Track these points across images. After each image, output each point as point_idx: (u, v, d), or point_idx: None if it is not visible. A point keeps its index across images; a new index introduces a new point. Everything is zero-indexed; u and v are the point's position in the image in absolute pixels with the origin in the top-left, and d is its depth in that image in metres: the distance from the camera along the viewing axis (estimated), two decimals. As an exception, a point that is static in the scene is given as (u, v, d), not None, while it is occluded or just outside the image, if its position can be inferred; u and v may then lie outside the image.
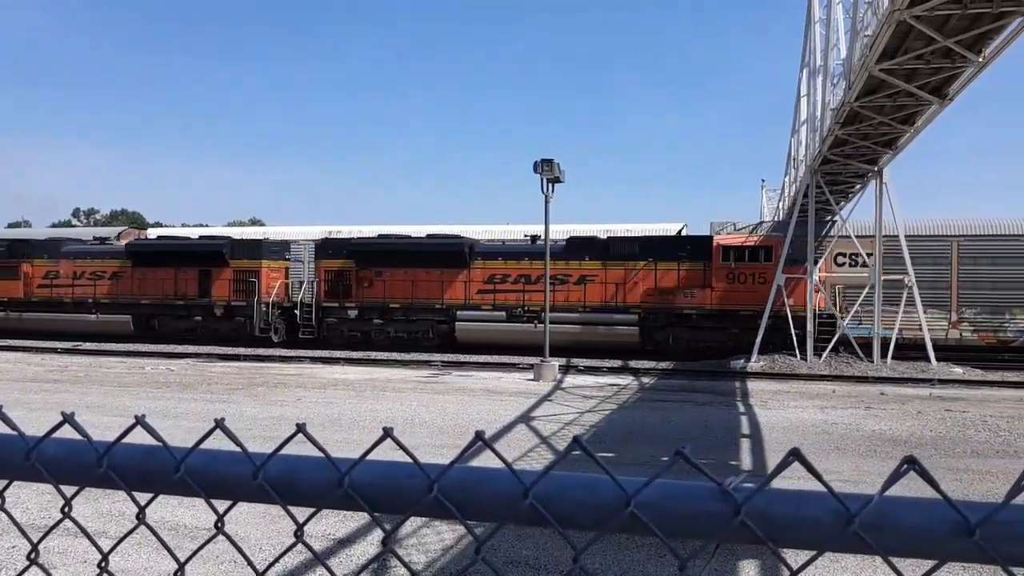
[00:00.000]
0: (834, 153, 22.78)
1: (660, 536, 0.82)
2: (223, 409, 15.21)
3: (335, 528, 7.41)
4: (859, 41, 16.74)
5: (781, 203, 41.20)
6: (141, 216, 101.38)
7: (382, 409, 15.55)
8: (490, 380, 21.19)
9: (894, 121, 19.61)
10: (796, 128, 31.60)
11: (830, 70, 21.65)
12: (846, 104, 18.35)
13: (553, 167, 21.39)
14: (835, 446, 12.13)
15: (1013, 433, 13.55)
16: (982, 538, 0.77)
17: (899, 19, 13.60)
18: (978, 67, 15.67)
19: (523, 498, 0.85)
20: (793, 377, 22.84)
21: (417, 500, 0.89)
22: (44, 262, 33.69)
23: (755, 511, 0.82)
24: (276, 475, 0.94)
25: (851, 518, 0.79)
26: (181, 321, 32.05)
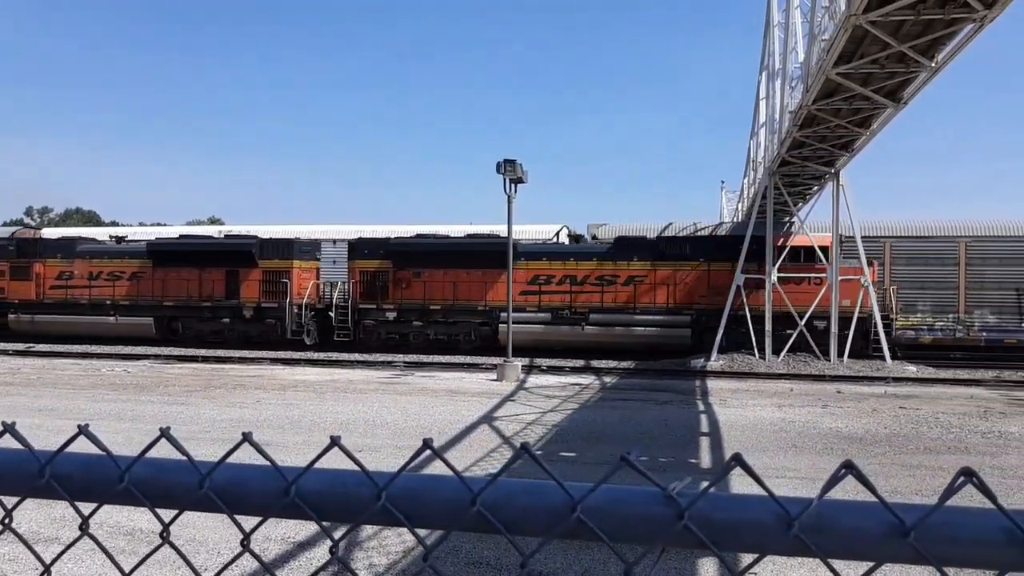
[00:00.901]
0: (792, 155, 23.14)
1: (606, 541, 0.83)
2: (180, 411, 14.99)
3: (295, 532, 7.35)
4: (817, 45, 17.02)
5: (740, 204, 41.76)
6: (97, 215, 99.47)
7: (344, 411, 15.44)
8: (453, 381, 21.16)
9: (850, 124, 19.98)
10: (755, 130, 32.05)
11: (788, 73, 21.99)
12: (804, 107, 18.64)
13: (516, 168, 21.44)
14: (792, 444, 12.32)
15: (964, 429, 13.88)
16: (916, 539, 0.79)
17: (855, 24, 13.86)
18: (931, 72, 16.03)
19: (471, 505, 0.86)
20: (752, 376, 23.16)
21: (365, 508, 0.89)
22: (57, 262, 32.37)
23: (698, 515, 0.83)
24: (222, 484, 0.93)
25: (791, 521, 0.81)
26: (206, 323, 30.99)
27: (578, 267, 28.26)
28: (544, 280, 28.46)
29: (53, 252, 32.66)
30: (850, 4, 13.55)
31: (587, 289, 27.95)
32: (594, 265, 28.12)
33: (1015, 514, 0.78)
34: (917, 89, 17.19)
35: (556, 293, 28.22)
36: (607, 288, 27.74)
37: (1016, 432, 13.67)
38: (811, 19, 17.81)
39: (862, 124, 20.14)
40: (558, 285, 28.16)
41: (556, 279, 28.27)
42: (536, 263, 28.71)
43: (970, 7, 13.22)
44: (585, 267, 28.23)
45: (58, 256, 32.46)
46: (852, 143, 21.96)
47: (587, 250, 28.94)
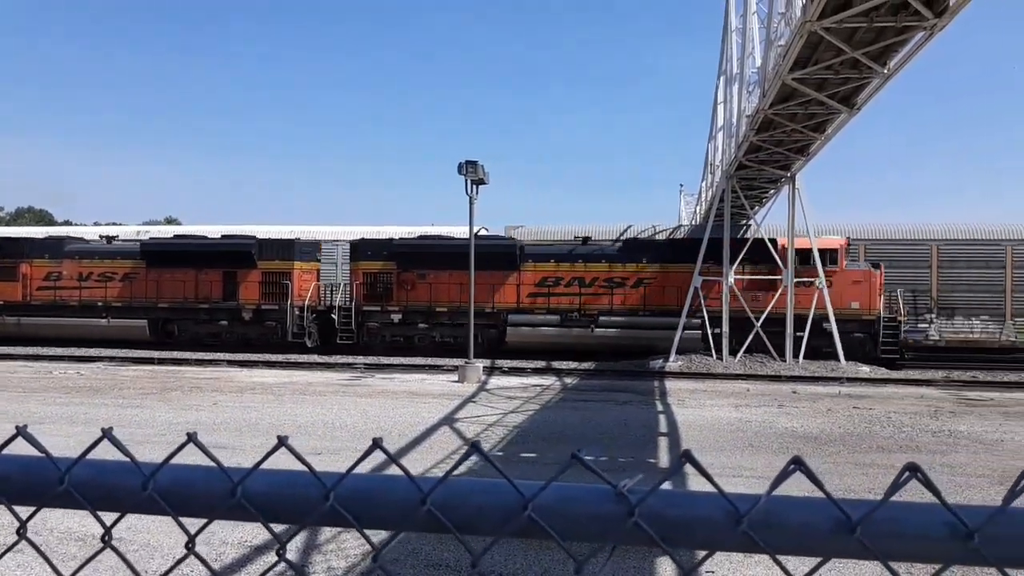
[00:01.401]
0: (749, 159, 23.46)
1: (557, 539, 0.83)
2: (135, 415, 14.71)
3: (252, 535, 7.25)
4: (773, 51, 17.27)
5: (698, 207, 42.21)
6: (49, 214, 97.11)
7: (302, 413, 15.28)
8: (413, 382, 21.06)
9: (806, 128, 20.31)
10: (713, 134, 32.42)
11: (746, 78, 22.29)
12: (761, 111, 18.91)
13: (477, 169, 21.43)
14: (749, 443, 12.48)
15: (915, 428, 14.19)
16: (863, 535, 0.80)
17: (810, 30, 14.08)
18: (883, 78, 16.37)
19: (421, 505, 0.85)
20: (709, 376, 23.43)
21: (313, 509, 0.87)
22: (45, 262, 31.26)
23: (648, 512, 0.83)
24: (167, 485, 0.91)
25: (740, 518, 0.81)
26: (203, 326, 30.25)
27: (587, 269, 28.05)
28: (552, 282, 28.22)
29: (40, 252, 31.56)
30: (805, 11, 13.77)
31: (596, 291, 27.76)
32: (604, 267, 27.94)
33: (958, 509, 0.80)
34: (870, 95, 17.54)
35: (565, 295, 27.94)
36: (616, 290, 27.60)
37: (965, 431, 14.00)
38: (768, 25, 18.07)
39: (817, 129, 20.50)
40: (567, 287, 27.92)
41: (564, 281, 28.04)
42: (544, 265, 28.48)
43: (921, 16, 13.52)
44: (594, 269, 28.02)
45: (45, 256, 31.38)
46: (807, 147, 22.33)
47: (596, 252, 28.56)
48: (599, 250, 29.08)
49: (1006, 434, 13.68)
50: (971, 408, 17.19)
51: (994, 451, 12.17)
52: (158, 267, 30.06)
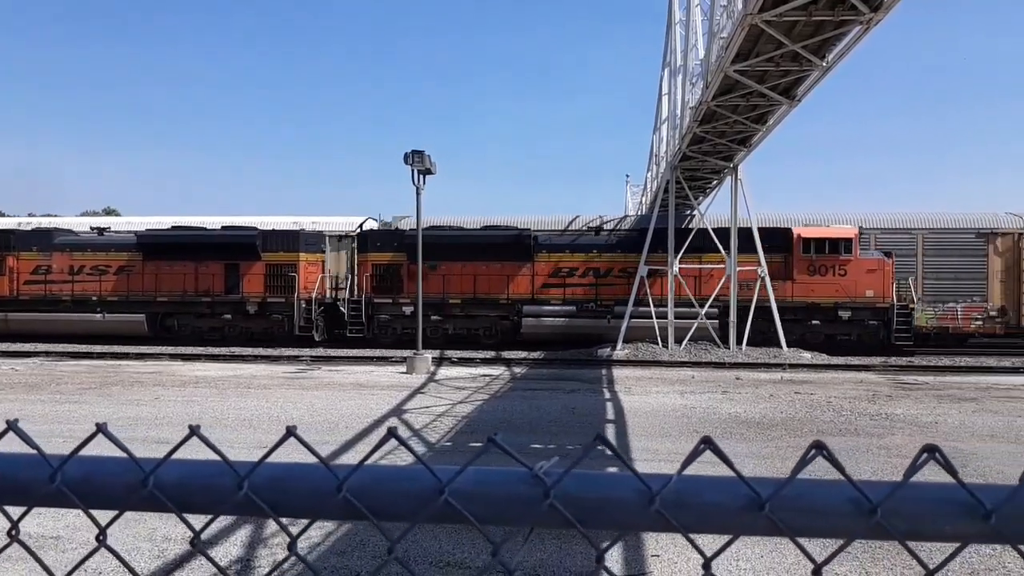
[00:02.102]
0: (693, 150, 23.77)
1: (473, 523, 0.83)
2: (73, 410, 14.32)
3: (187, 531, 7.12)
4: (716, 43, 17.50)
5: (644, 197, 42.65)
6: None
7: (247, 406, 15.04)
8: (361, 374, 20.91)
9: (748, 120, 20.65)
10: (658, 126, 32.74)
11: (689, 70, 22.54)
12: (704, 103, 19.15)
13: (424, 159, 21.30)
14: (694, 429, 12.69)
15: (854, 412, 14.58)
16: (771, 511, 0.82)
17: (751, 23, 14.30)
18: (822, 71, 16.71)
19: (337, 492, 0.85)
20: (655, 364, 23.73)
21: (227, 499, 0.86)
22: (33, 255, 29.90)
23: (564, 494, 0.84)
24: (76, 477, 0.88)
25: (653, 497, 0.83)
26: (204, 320, 29.25)
27: (601, 259, 27.81)
28: (567, 272, 27.89)
29: (27, 244, 30.19)
30: (746, 4, 13.99)
31: (611, 281, 27.57)
32: (619, 257, 27.75)
33: (862, 485, 0.82)
34: (810, 87, 17.90)
35: (579, 286, 27.68)
36: (631, 280, 27.17)
37: (901, 414, 14.44)
38: (710, 17, 18.30)
39: (759, 120, 20.84)
40: (581, 277, 27.63)
41: (579, 271, 27.74)
42: (558, 255, 28.19)
43: (857, 10, 13.83)
44: (608, 259, 27.84)
45: (33, 249, 30.05)
46: (749, 139, 22.71)
47: (611, 242, 28.40)
48: (614, 240, 28.92)
49: (939, 417, 14.14)
50: (907, 392, 17.73)
51: (928, 433, 12.57)
52: (155, 259, 29.07)
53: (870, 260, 26.80)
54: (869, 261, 26.74)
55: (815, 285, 26.32)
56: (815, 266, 26.65)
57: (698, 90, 20.53)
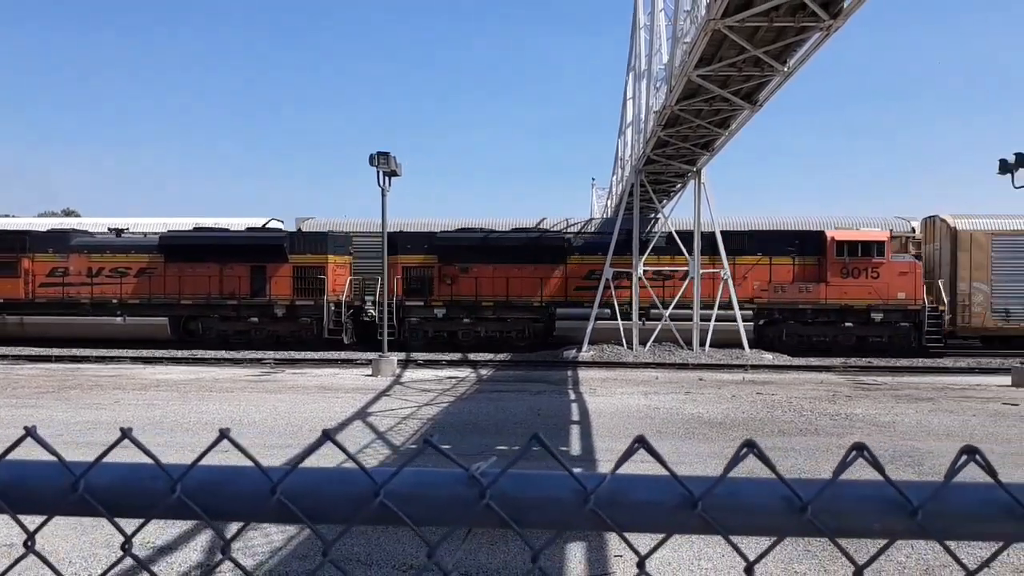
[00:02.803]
0: (657, 154, 23.96)
1: (409, 524, 0.83)
2: (30, 414, 14.02)
3: (156, 536, 7.03)
4: (679, 48, 17.66)
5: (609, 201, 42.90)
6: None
7: (208, 410, 14.86)
8: (325, 377, 20.76)
9: (711, 124, 20.86)
10: (623, 130, 32.98)
11: (654, 74, 22.72)
12: (668, 107, 19.32)
13: (389, 160, 21.20)
14: (657, 429, 12.78)
15: (814, 413, 14.79)
16: (704, 510, 0.83)
17: (714, 28, 14.46)
18: (784, 76, 16.92)
19: (271, 495, 0.84)
20: (620, 365, 23.88)
21: (159, 502, 0.85)
22: (48, 257, 28.99)
23: (500, 494, 0.84)
24: (5, 482, 0.87)
25: (587, 496, 0.83)
26: (230, 323, 28.58)
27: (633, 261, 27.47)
28: (599, 275, 27.42)
29: (43, 246, 29.27)
30: (710, 9, 14.14)
31: (643, 284, 27.22)
32: (652, 259, 27.48)
33: (794, 483, 0.84)
34: (771, 92, 18.11)
35: (614, 288, 27.15)
36: (666, 283, 27.23)
37: (860, 413, 14.69)
38: (674, 22, 18.47)
39: (721, 125, 21.07)
40: (614, 280, 27.04)
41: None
42: (591, 257, 27.95)
43: (817, 17, 14.04)
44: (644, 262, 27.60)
45: (49, 250, 29.15)
46: (712, 143, 22.94)
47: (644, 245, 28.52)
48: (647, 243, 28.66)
49: (897, 416, 14.40)
50: (866, 392, 18.03)
51: (886, 432, 12.80)
52: (178, 261, 28.37)
53: (902, 263, 27.08)
54: (901, 264, 27.02)
55: (848, 287, 26.60)
56: (848, 268, 26.86)
57: (662, 94, 20.70)
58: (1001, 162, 20.36)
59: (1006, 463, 10.23)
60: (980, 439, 12.13)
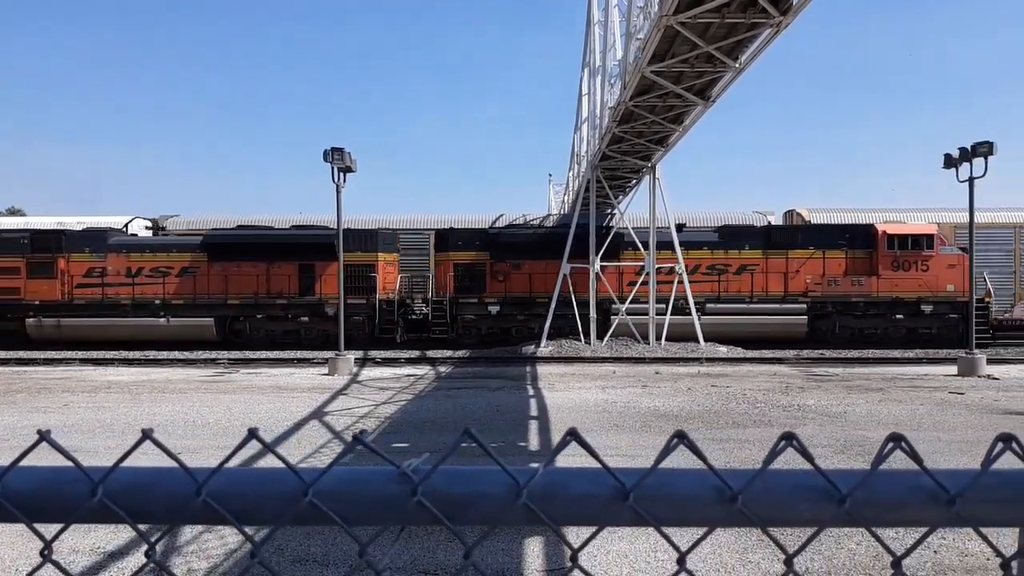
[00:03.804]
0: (612, 150, 24.10)
1: (339, 523, 0.82)
2: (-28, 420, 13.62)
3: (105, 541, 6.89)
4: (633, 43, 17.78)
5: (566, 196, 43.04)
6: None
7: (161, 411, 14.59)
8: (281, 376, 20.51)
9: (665, 120, 21.05)
10: (579, 125, 33.10)
11: (608, 70, 22.85)
12: (622, 103, 19.44)
13: (344, 156, 20.99)
14: (614, 423, 12.87)
15: (768, 404, 15.02)
16: (635, 501, 0.83)
17: (667, 24, 14.59)
18: (736, 72, 17.15)
19: (196, 496, 0.82)
20: (578, 360, 23.99)
21: (80, 506, 0.83)
22: (85, 256, 28.15)
23: (432, 491, 0.84)
24: (-82, 490, 0.84)
25: (520, 490, 0.83)
26: (278, 323, 28.01)
27: (688, 256, 27.42)
28: (659, 270, 27.32)
29: (79, 246, 28.36)
30: (662, 5, 14.26)
31: (699, 279, 27.50)
32: (706, 254, 27.72)
33: (725, 473, 0.84)
34: (724, 88, 18.35)
35: (667, 283, 27.04)
36: (719, 277, 27.41)
37: (813, 404, 14.95)
38: (628, 18, 18.58)
39: (675, 120, 21.27)
40: (667, 275, 27.02)
41: (665, 269, 27.26)
42: (644, 252, 27.60)
43: (768, 13, 14.25)
44: (695, 256, 27.71)
45: (85, 250, 28.30)
46: (666, 138, 23.15)
47: (697, 239, 28.38)
48: (699, 237, 28.89)
49: (848, 407, 14.69)
50: (819, 383, 18.37)
51: (838, 422, 13.04)
52: (222, 260, 27.78)
53: (951, 256, 27.54)
54: (950, 256, 27.48)
55: (899, 280, 27.11)
56: (899, 261, 27.34)
57: (617, 90, 20.81)
58: (946, 156, 20.86)
59: (952, 450, 10.51)
60: (928, 427, 12.44)
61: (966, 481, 0.85)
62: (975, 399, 15.60)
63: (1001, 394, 16.36)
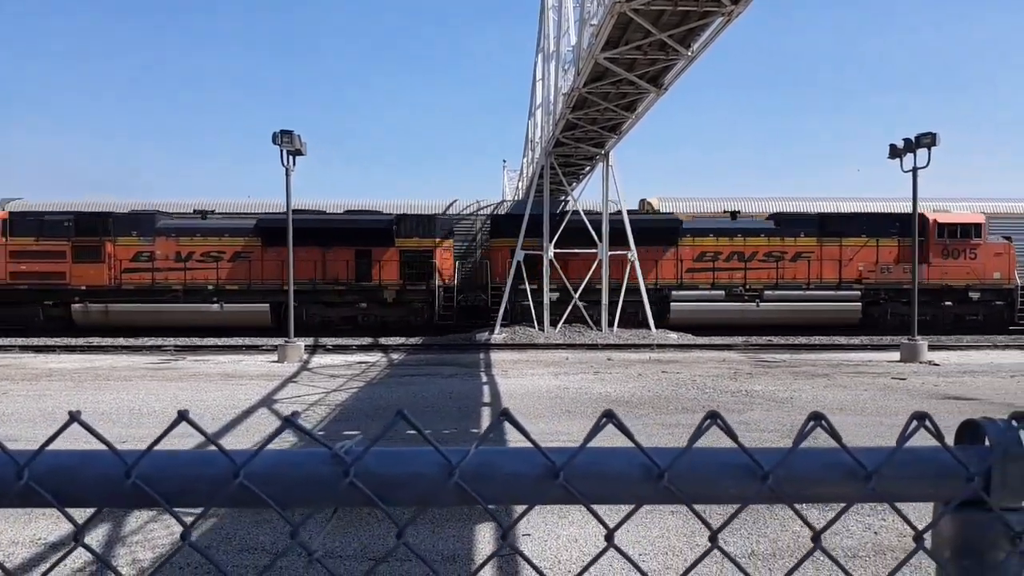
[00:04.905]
0: (566, 136, 24.16)
1: (271, 505, 0.83)
2: (-95, 411, 13.18)
3: (47, 532, 6.75)
4: (587, 30, 17.82)
5: (521, 183, 43.06)
6: None
7: (105, 400, 14.29)
8: (229, 364, 20.22)
9: (618, 107, 21.16)
10: (533, 111, 33.09)
11: (562, 56, 22.86)
12: (576, 89, 19.49)
13: (293, 139, 20.68)
14: (566, 409, 12.98)
15: (716, 390, 15.28)
16: (566, 479, 0.85)
17: (620, 11, 14.65)
18: (688, 60, 17.31)
19: (126, 478, 0.82)
20: (532, 347, 24.09)
21: (5, 490, 0.82)
22: (132, 240, 27.26)
23: (365, 472, 0.85)
24: None
25: (452, 470, 0.85)
26: (335, 309, 27.48)
27: (746, 243, 27.80)
28: (711, 257, 27.76)
29: (126, 229, 27.47)
30: (616, -8, 14.32)
31: (755, 266, 27.71)
32: (763, 241, 27.87)
33: (652, 451, 0.87)
34: (676, 76, 18.50)
35: (724, 270, 27.50)
36: (775, 264, 27.64)
37: (760, 390, 15.25)
38: (582, 4, 18.60)
39: (628, 108, 21.40)
40: (725, 262, 27.41)
41: (723, 256, 27.55)
42: (703, 240, 28.02)
43: (719, 2, 14.41)
44: (753, 243, 27.92)
45: (132, 233, 27.43)
46: (619, 126, 23.28)
47: (754, 226, 28.69)
48: (756, 223, 29.20)
49: (795, 392, 15.01)
50: (766, 369, 18.73)
51: (784, 407, 13.33)
52: (276, 245, 26.88)
53: (997, 244, 28.33)
54: (996, 245, 28.27)
55: (948, 267, 27.87)
56: (949, 250, 28.06)
57: (570, 76, 20.86)
58: (891, 147, 21.34)
59: (893, 433, 10.69)
60: (871, 412, 12.78)
61: (882, 458, 0.89)
62: (916, 384, 16.07)
63: (941, 379, 16.88)
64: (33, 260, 27.24)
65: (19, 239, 27.41)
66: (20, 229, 27.57)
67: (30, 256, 27.27)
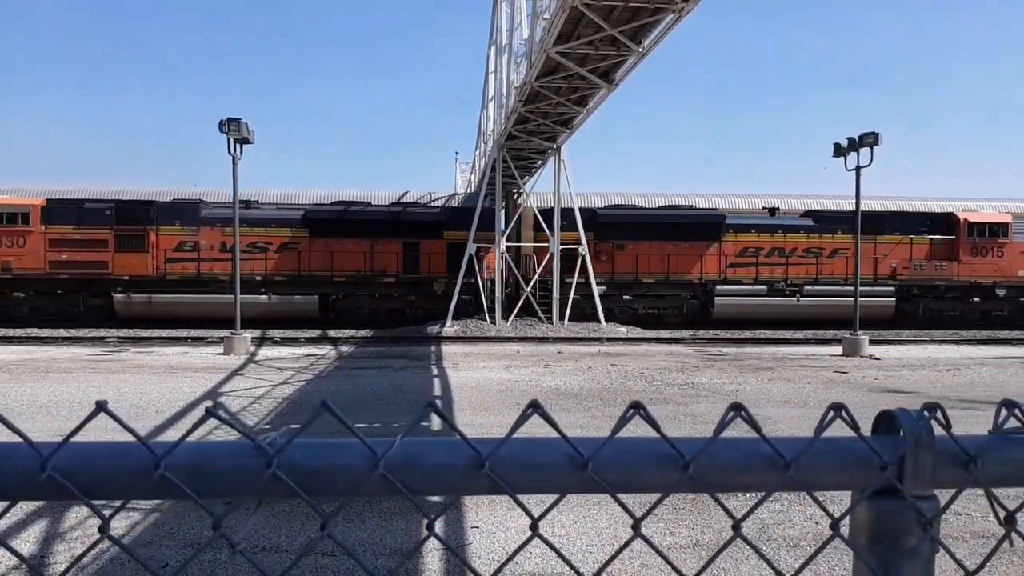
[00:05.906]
0: (518, 130, 24.18)
1: (193, 497, 0.82)
2: None
3: None
4: (539, 23, 17.83)
5: (473, 175, 42.97)
6: None
7: (44, 392, 13.91)
8: (174, 356, 19.84)
9: (569, 102, 21.24)
10: (485, 104, 33.01)
11: (515, 49, 22.84)
12: (528, 83, 19.51)
13: (241, 127, 20.33)
14: (516, 402, 13.02)
15: (664, 382, 15.49)
16: (491, 469, 0.86)
17: (572, 5, 14.69)
18: (639, 56, 17.44)
19: (41, 471, 0.80)
20: (483, 340, 24.13)
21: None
22: (175, 230, 26.53)
23: (288, 463, 0.84)
24: None
25: (377, 461, 0.85)
26: (382, 301, 27.14)
27: (786, 240, 28.21)
28: (753, 252, 28.04)
29: (169, 218, 26.68)
30: (568, -14, 14.34)
31: (795, 261, 28.12)
32: (802, 237, 28.31)
33: (576, 441, 0.88)
34: (627, 72, 18.64)
35: (765, 265, 27.87)
36: (817, 260, 28.21)
37: (706, 383, 15.49)
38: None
39: (580, 103, 21.50)
40: (766, 257, 27.73)
41: (764, 251, 27.80)
42: (745, 235, 28.30)
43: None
44: (792, 240, 28.30)
45: (176, 223, 26.68)
46: (571, 120, 23.37)
47: (793, 223, 29.05)
48: (795, 220, 29.56)
49: (740, 385, 15.29)
50: (712, 362, 19.04)
51: (729, 400, 13.55)
52: (324, 236, 26.70)
53: (1023, 243, 29.07)
54: (1022, 244, 29.03)
55: (976, 265, 28.74)
56: (977, 248, 28.88)
57: (523, 70, 20.86)
58: (835, 145, 21.81)
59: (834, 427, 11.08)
60: (813, 404, 13.07)
61: (801, 448, 0.92)
62: (857, 378, 16.49)
63: (880, 373, 17.35)
64: (74, 249, 26.48)
65: (58, 227, 26.63)
66: (59, 217, 26.74)
67: (71, 245, 26.50)
